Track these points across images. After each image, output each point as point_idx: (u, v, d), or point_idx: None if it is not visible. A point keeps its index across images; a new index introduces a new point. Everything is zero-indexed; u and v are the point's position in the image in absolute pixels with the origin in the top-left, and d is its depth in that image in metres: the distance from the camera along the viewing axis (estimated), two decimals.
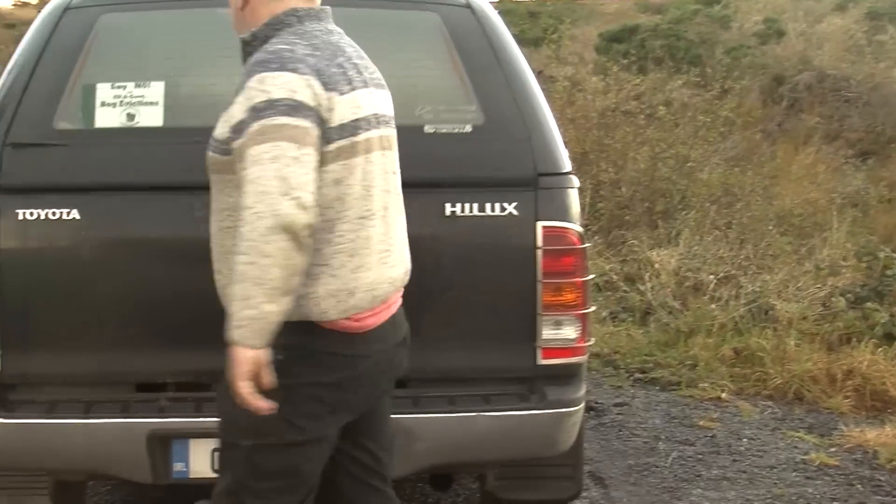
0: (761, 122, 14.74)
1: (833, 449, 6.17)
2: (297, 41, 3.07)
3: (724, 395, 6.93)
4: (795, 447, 6.18)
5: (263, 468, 3.16)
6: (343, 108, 3.05)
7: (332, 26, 3.23)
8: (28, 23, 5.06)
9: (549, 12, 24.63)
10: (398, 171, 3.33)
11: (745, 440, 6.27)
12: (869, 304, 7.74)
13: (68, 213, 4.01)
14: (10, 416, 4.00)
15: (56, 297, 4.05)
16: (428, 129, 4.18)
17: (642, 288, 8.50)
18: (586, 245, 4.18)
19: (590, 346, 4.18)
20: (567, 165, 4.18)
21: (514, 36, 4.54)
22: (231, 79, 3.20)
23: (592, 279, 4.39)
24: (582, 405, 4.18)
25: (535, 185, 4.10)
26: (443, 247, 4.13)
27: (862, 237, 9.85)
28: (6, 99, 4.11)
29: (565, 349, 4.08)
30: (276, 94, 2.93)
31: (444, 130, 4.18)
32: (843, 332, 7.53)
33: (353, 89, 3.10)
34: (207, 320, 3.30)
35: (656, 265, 8.78)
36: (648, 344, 7.82)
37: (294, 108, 2.94)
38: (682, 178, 11.03)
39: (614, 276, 8.92)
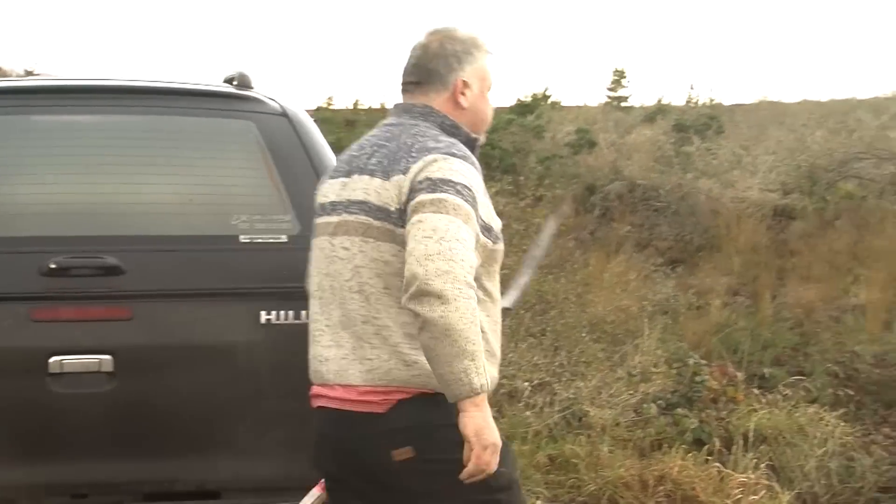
0: (574, 231, 15.02)
1: None
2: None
3: (539, 503, 6.95)
4: None
5: None
6: (317, 197, 3.48)
7: (389, 119, 3.47)
8: None
9: (365, 121, 24.77)
10: (353, 257, 3.29)
11: None
12: (679, 410, 7.89)
13: None
14: None
15: None
16: (243, 238, 4.16)
17: None
18: None
19: None
20: None
21: (331, 144, 4.57)
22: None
23: None
24: None
25: None
26: (259, 355, 4.09)
27: (672, 344, 10.05)
28: None
29: None
30: None
31: (259, 240, 4.16)
32: (655, 437, 7.66)
33: (328, 178, 3.47)
34: None
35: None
36: None
37: None
38: None
39: None
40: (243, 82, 4.62)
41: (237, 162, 4.39)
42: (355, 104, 23.21)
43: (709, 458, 7.31)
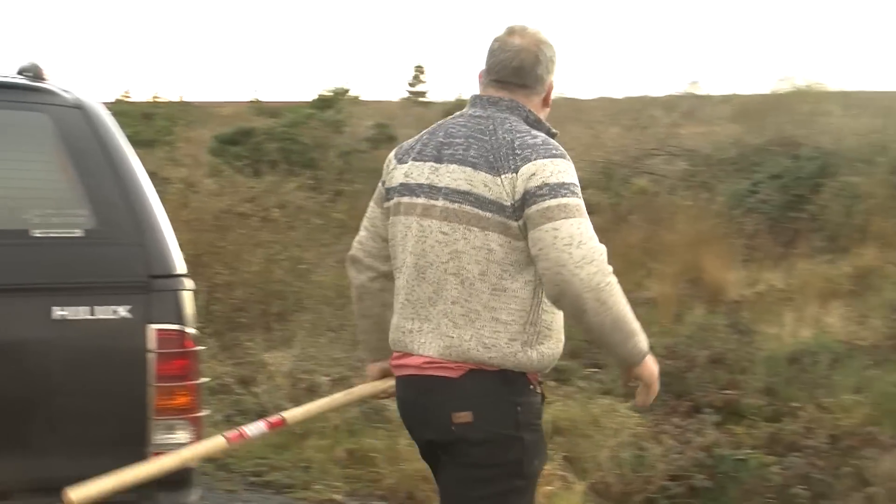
0: None
1: None
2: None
3: (337, 497, 6.97)
4: None
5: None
6: (397, 175, 3.75)
7: (469, 110, 3.72)
8: None
9: (164, 114, 24.41)
10: (454, 241, 3.55)
11: None
12: None
13: None
14: None
15: None
16: (36, 233, 4.07)
17: (257, 390, 8.48)
18: (199, 348, 4.16)
19: None
20: (181, 268, 4.16)
21: (128, 137, 4.50)
22: None
23: (206, 382, 4.36)
24: None
25: (148, 289, 4.07)
26: (50, 351, 4.01)
27: None
28: None
29: None
30: None
31: (53, 234, 4.08)
32: None
33: (410, 159, 3.72)
34: None
35: (271, 367, 8.78)
36: (263, 447, 7.79)
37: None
38: (296, 280, 11.12)
39: (228, 379, 8.86)
40: (37, 74, 4.51)
41: (30, 155, 4.30)
42: (154, 97, 22.88)
43: None
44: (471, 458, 3.56)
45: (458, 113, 3.75)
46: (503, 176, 3.51)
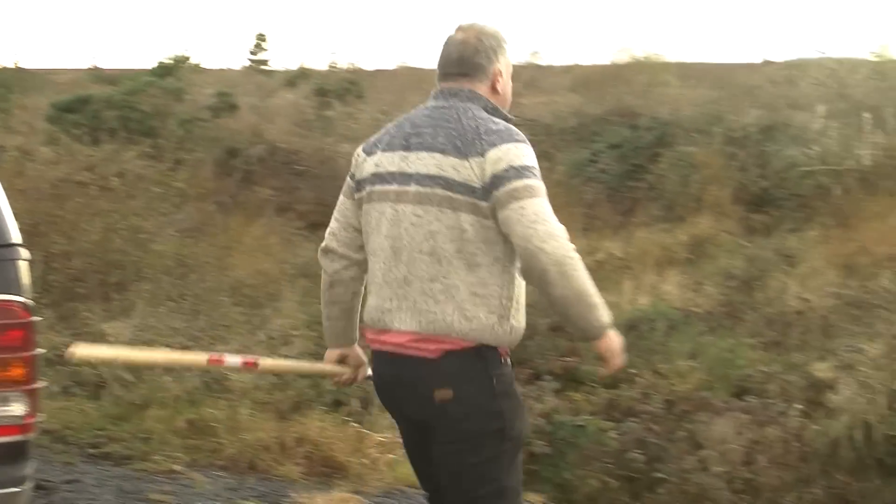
0: (215, 194, 14.91)
1: None
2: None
3: (177, 467, 6.90)
4: None
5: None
6: (367, 166, 3.96)
7: (431, 102, 3.99)
8: None
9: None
10: (429, 223, 3.78)
11: None
12: None
13: None
14: None
15: None
16: None
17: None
18: (36, 318, 4.08)
19: (39, 422, 4.07)
20: (15, 237, 4.07)
21: None
22: None
23: (43, 354, 4.28)
24: (30, 483, 4.06)
25: None
26: None
27: (313, 306, 10.14)
28: None
29: (12, 426, 3.96)
30: None
31: None
32: (295, 400, 7.73)
33: (380, 150, 3.94)
34: None
35: (110, 338, 8.66)
36: (101, 418, 7.68)
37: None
38: (136, 250, 10.97)
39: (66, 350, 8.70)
40: None
41: None
42: None
43: (347, 418, 7.45)
44: (458, 431, 3.80)
45: (420, 106, 4.02)
46: (471, 159, 3.76)
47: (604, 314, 3.80)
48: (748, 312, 11.07)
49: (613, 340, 3.85)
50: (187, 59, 23.00)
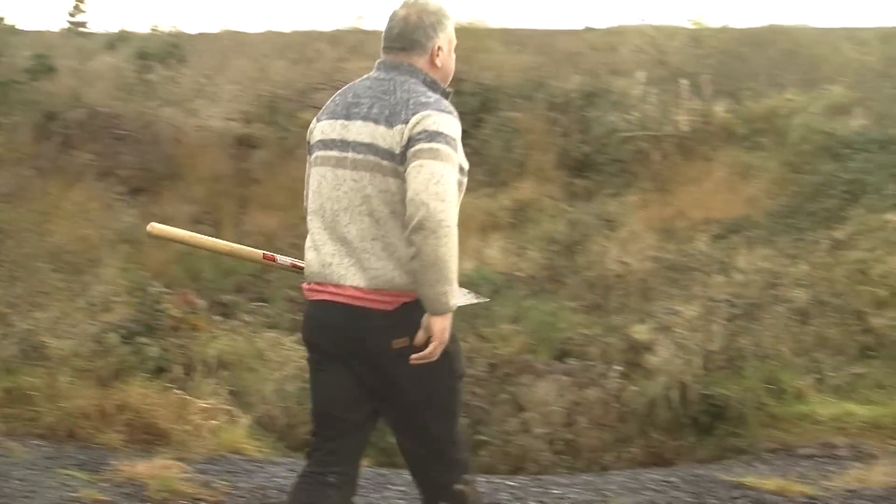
0: (33, 159, 14.55)
1: (104, 484, 6.21)
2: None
3: None
4: (66, 485, 6.14)
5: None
6: (316, 133, 4.27)
7: (374, 73, 4.28)
8: None
9: None
10: (364, 188, 4.08)
11: (15, 482, 6.13)
12: (140, 339, 7.90)
13: None
14: None
15: None
16: None
17: None
18: None
19: None
20: None
21: None
22: None
23: None
24: None
25: None
26: None
27: (134, 273, 10.00)
28: None
29: None
30: None
31: None
32: (117, 367, 7.62)
33: (325, 118, 4.25)
34: None
35: None
36: None
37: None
38: None
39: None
40: None
41: None
42: None
43: (170, 385, 7.38)
44: (414, 372, 4.04)
45: (364, 76, 4.32)
46: (395, 128, 4.04)
47: (454, 294, 3.99)
48: (570, 276, 11.26)
49: (447, 326, 4.03)
50: (2, 19, 22.37)
